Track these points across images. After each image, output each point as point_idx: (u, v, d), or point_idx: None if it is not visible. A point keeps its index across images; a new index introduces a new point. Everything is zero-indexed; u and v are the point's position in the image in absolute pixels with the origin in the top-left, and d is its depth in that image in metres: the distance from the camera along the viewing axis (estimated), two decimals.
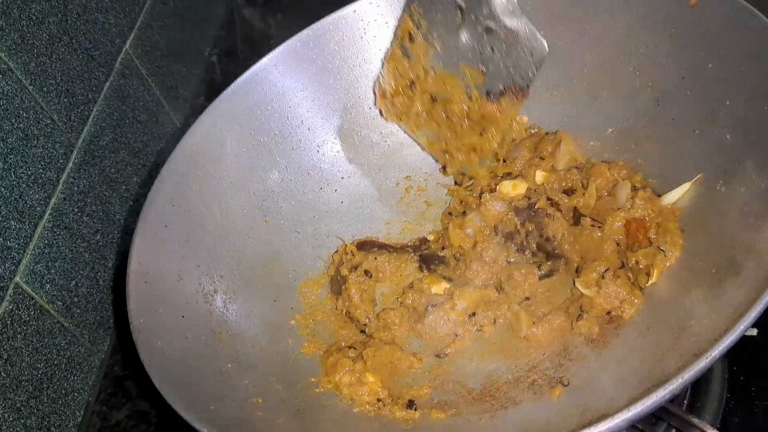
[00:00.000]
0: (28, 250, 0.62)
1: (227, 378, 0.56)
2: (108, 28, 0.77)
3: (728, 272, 0.49)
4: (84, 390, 0.69)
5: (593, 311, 0.56)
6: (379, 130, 0.76)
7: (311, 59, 0.73)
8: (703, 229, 0.54)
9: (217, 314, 0.62)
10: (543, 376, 0.55)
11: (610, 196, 0.62)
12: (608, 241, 0.60)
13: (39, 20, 0.66)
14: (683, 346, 0.46)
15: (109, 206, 0.75)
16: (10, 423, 0.58)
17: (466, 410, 0.54)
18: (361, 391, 0.57)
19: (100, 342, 0.72)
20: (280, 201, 0.72)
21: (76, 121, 0.70)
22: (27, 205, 0.62)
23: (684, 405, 0.57)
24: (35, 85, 0.64)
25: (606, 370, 0.52)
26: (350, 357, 0.59)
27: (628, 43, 0.63)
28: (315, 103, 0.74)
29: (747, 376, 0.59)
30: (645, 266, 0.56)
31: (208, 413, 0.50)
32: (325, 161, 0.75)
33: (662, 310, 0.53)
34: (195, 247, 0.64)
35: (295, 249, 0.72)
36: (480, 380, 0.58)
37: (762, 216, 0.48)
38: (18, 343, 0.60)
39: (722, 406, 0.58)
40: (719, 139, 0.55)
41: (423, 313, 0.62)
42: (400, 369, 0.60)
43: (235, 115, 0.70)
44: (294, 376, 0.60)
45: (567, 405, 0.50)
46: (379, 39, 0.73)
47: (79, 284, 0.69)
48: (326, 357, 0.61)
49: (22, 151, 0.62)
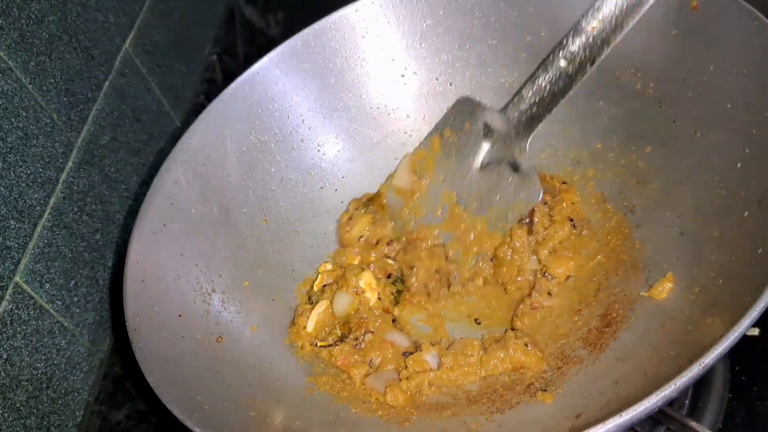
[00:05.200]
0: (27, 249, 0.62)
1: (223, 378, 0.56)
2: (108, 27, 0.77)
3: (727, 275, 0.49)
4: (83, 390, 0.69)
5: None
6: (380, 130, 0.76)
7: (312, 58, 0.73)
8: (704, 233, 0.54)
9: (215, 313, 0.62)
10: (540, 379, 0.55)
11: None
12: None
13: (38, 19, 0.66)
14: (680, 349, 0.46)
15: (109, 205, 0.75)
16: (9, 423, 0.58)
17: (462, 412, 0.54)
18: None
19: (99, 342, 0.72)
20: (280, 200, 0.72)
21: (75, 120, 0.70)
22: (26, 205, 0.62)
23: (685, 406, 0.57)
24: (35, 84, 0.64)
25: (603, 374, 0.52)
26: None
27: (628, 45, 0.63)
28: (316, 103, 0.74)
29: (749, 376, 0.58)
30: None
31: (204, 413, 0.50)
32: (326, 161, 0.75)
33: (660, 315, 0.53)
34: (194, 246, 0.64)
35: (295, 248, 0.72)
36: (477, 382, 0.57)
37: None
38: (17, 342, 0.60)
39: (724, 407, 0.57)
40: (720, 142, 0.55)
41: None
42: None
43: (235, 114, 0.70)
44: (291, 376, 0.60)
45: (563, 408, 0.50)
46: (380, 38, 0.73)
47: (78, 284, 0.69)
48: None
49: (22, 150, 0.62)
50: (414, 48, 0.73)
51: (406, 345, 0.61)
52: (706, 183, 0.55)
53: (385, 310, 0.65)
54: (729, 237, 0.51)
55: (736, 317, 0.41)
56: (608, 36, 0.59)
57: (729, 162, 0.53)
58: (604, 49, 0.59)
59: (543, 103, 0.62)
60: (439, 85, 0.74)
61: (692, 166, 0.57)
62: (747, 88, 0.53)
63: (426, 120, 0.75)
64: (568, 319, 0.59)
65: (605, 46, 0.59)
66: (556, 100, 0.61)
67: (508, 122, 0.64)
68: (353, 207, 0.72)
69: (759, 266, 0.46)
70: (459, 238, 0.66)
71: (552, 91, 0.61)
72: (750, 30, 0.53)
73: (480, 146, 0.66)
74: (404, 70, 0.74)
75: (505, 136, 0.64)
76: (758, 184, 0.50)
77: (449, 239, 0.67)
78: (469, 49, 0.72)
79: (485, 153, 0.66)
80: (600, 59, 0.59)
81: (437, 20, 0.72)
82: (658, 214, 0.59)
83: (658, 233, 0.58)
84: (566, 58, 0.60)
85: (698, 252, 0.53)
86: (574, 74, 0.60)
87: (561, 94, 0.61)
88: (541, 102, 0.62)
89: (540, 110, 0.62)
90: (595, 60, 0.59)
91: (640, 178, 0.62)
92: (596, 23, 0.59)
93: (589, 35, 0.59)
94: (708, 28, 0.57)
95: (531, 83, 0.62)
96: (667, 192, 0.59)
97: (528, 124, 0.63)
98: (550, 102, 0.62)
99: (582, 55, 0.60)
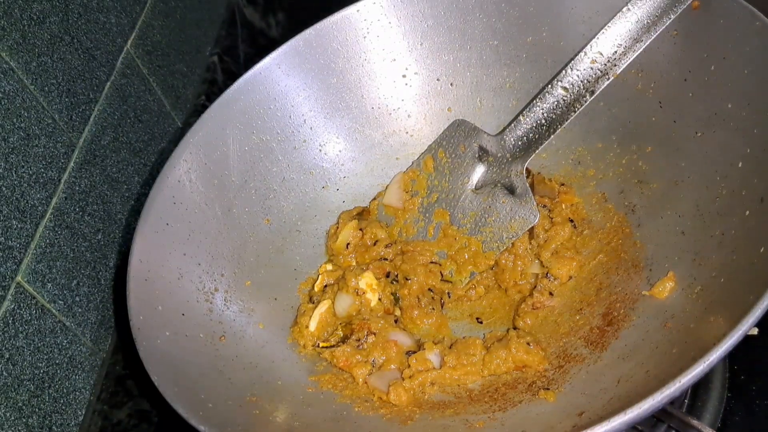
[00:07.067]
0: (29, 249, 0.62)
1: (226, 376, 0.56)
2: (109, 28, 0.78)
3: (729, 274, 0.49)
4: (85, 389, 0.69)
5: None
6: (382, 130, 0.76)
7: (314, 59, 0.73)
8: (705, 232, 0.54)
9: (218, 312, 0.62)
10: (542, 378, 0.55)
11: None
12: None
13: (40, 20, 0.66)
14: (682, 348, 0.46)
15: (111, 206, 0.75)
16: (11, 422, 0.58)
17: (464, 410, 0.54)
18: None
19: (101, 341, 0.72)
20: (282, 200, 0.72)
21: (77, 120, 0.70)
22: (28, 205, 0.62)
23: (685, 405, 0.57)
24: (36, 85, 0.64)
25: (605, 372, 0.52)
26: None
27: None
28: (317, 103, 0.74)
29: (748, 375, 0.58)
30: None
31: (207, 411, 0.50)
32: (327, 161, 0.75)
33: (662, 313, 0.53)
34: (196, 245, 0.64)
35: (297, 248, 0.72)
36: (479, 381, 0.58)
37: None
38: (19, 342, 0.60)
39: (723, 406, 0.58)
40: (721, 141, 0.55)
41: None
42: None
43: (237, 114, 0.70)
44: (293, 374, 0.60)
45: (566, 406, 0.50)
46: (382, 39, 0.73)
47: (80, 283, 0.69)
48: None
49: (24, 150, 0.62)
50: (415, 48, 0.74)
51: (409, 344, 0.61)
52: (707, 182, 0.55)
53: (386, 311, 0.65)
54: (730, 236, 0.51)
55: (739, 316, 0.41)
56: (608, 69, 0.59)
57: (730, 161, 0.53)
58: (603, 81, 0.60)
59: (540, 130, 0.63)
60: (441, 86, 0.74)
61: (693, 166, 0.57)
62: (748, 88, 0.53)
63: (427, 120, 0.75)
64: (569, 318, 0.59)
65: (605, 77, 0.60)
66: (554, 128, 0.62)
67: (504, 146, 0.65)
68: (343, 220, 0.72)
69: (761, 265, 0.46)
70: (453, 257, 0.67)
71: (550, 119, 0.62)
72: (750, 30, 0.53)
73: (475, 168, 0.67)
74: (405, 70, 0.75)
75: (501, 159, 0.65)
76: (759, 183, 0.50)
77: (444, 256, 0.67)
78: (470, 50, 0.72)
79: (480, 175, 0.67)
80: (599, 90, 0.60)
81: (438, 20, 0.72)
82: (659, 213, 0.59)
83: (659, 232, 0.59)
84: (565, 88, 0.61)
85: (700, 251, 0.53)
86: (573, 103, 0.61)
87: (559, 122, 0.62)
88: (539, 128, 0.63)
89: (537, 136, 0.63)
90: (594, 91, 0.60)
91: (641, 178, 0.63)
92: (597, 56, 0.59)
93: (589, 66, 0.60)
94: (708, 28, 0.57)
95: (529, 109, 0.63)
96: (668, 191, 0.60)
97: (524, 149, 0.64)
98: (548, 129, 0.62)
99: (581, 86, 0.61)
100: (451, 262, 0.67)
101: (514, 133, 0.65)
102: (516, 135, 0.64)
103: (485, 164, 0.66)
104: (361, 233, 0.70)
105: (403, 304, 0.65)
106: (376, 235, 0.69)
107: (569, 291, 0.62)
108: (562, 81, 0.62)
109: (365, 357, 0.60)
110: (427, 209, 0.70)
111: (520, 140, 0.64)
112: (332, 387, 0.59)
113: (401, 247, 0.69)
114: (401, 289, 0.66)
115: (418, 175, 0.71)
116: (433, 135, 0.73)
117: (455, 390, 0.57)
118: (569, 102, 0.61)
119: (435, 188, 0.70)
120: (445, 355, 0.58)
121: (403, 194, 0.72)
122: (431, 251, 0.68)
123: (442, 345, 0.60)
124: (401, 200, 0.71)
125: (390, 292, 0.66)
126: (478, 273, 0.66)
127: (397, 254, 0.68)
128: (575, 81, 0.61)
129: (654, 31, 0.58)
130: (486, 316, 0.65)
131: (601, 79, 0.60)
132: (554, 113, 0.62)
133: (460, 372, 0.58)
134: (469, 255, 0.66)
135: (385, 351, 0.60)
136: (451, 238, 0.67)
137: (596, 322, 0.57)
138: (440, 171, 0.70)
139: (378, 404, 0.57)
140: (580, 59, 0.61)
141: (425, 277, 0.65)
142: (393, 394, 0.57)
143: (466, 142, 0.68)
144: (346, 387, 0.59)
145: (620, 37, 0.60)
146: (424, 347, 0.60)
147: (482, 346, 0.59)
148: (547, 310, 0.61)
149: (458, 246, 0.67)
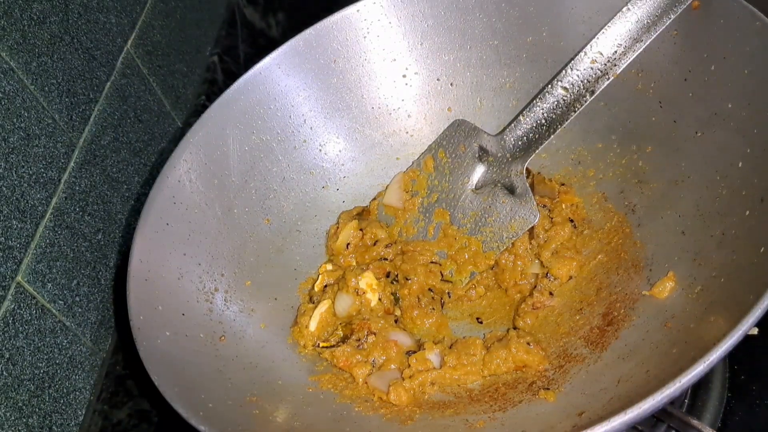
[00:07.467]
0: (29, 249, 0.62)
1: (226, 376, 0.56)
2: (109, 28, 0.78)
3: (729, 274, 0.49)
4: (85, 389, 0.69)
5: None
6: (382, 130, 0.76)
7: (314, 59, 0.73)
8: (705, 232, 0.54)
9: (218, 312, 0.62)
10: (542, 378, 0.55)
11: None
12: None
13: (40, 20, 0.66)
14: (683, 348, 0.46)
15: (111, 206, 0.75)
16: (12, 422, 0.58)
17: (465, 410, 0.54)
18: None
19: (101, 341, 0.72)
20: (282, 200, 0.72)
21: (77, 120, 0.70)
22: (28, 205, 0.62)
23: (685, 405, 0.57)
24: (36, 85, 0.64)
25: (605, 372, 0.52)
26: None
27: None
28: (317, 103, 0.74)
29: (748, 375, 0.58)
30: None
31: (207, 411, 0.50)
32: (327, 161, 0.75)
33: (662, 313, 0.53)
34: (196, 245, 0.64)
35: (297, 248, 0.72)
36: (479, 381, 0.58)
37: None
38: (20, 342, 0.60)
39: (723, 406, 0.58)
40: (721, 141, 0.55)
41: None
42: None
43: (237, 114, 0.70)
44: (294, 374, 0.60)
45: (566, 406, 0.50)
46: (382, 39, 0.73)
47: (80, 283, 0.69)
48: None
49: (24, 150, 0.62)
50: (415, 48, 0.74)
51: (409, 344, 0.61)
52: (708, 182, 0.55)
53: (386, 311, 0.65)
54: (730, 236, 0.51)
55: (739, 316, 0.41)
56: (608, 69, 0.59)
57: (730, 161, 0.53)
58: (603, 81, 0.60)
59: (540, 130, 0.63)
60: (441, 86, 0.75)
61: (693, 166, 0.57)
62: (748, 88, 0.53)
63: (427, 120, 0.75)
64: (569, 318, 0.59)
65: (605, 77, 0.60)
66: (554, 128, 0.62)
67: (504, 146, 0.65)
68: (343, 220, 0.72)
69: (761, 265, 0.46)
70: (453, 257, 0.67)
71: (550, 119, 0.62)
72: (750, 30, 0.53)
73: (475, 168, 0.67)
74: (406, 70, 0.75)
75: (501, 159, 0.65)
76: (759, 183, 0.50)
77: (444, 256, 0.67)
78: (470, 50, 0.72)
79: (480, 175, 0.67)
80: (599, 90, 0.60)
81: (438, 20, 0.72)
82: (659, 213, 0.59)
83: (660, 232, 0.59)
84: (565, 88, 0.61)
85: (700, 251, 0.53)
86: (573, 103, 0.61)
87: (559, 122, 0.62)
88: (539, 128, 0.63)
89: (537, 136, 0.63)
90: (594, 91, 0.60)
91: (641, 178, 0.63)
92: (597, 56, 0.59)
93: (589, 66, 0.60)
94: (708, 28, 0.57)
95: (529, 109, 0.63)
96: (668, 191, 0.60)
97: (524, 149, 0.64)
98: (548, 129, 0.62)
99: (581, 86, 0.61)
100: (451, 262, 0.67)
101: (514, 133, 0.65)
102: (516, 135, 0.65)
103: (485, 164, 0.66)
104: (361, 233, 0.70)
105: (403, 304, 0.65)
106: (376, 235, 0.69)
107: (569, 291, 0.62)
108: (562, 81, 0.62)
109: (365, 357, 0.60)
110: (427, 209, 0.70)
111: (520, 140, 0.64)
112: (332, 387, 0.59)
113: (401, 247, 0.69)
114: (401, 289, 0.65)
115: (418, 175, 0.71)
116: (433, 135, 0.73)
117: (455, 390, 0.57)
118: (569, 102, 0.61)
119: (435, 188, 0.70)
120: (445, 355, 0.58)
121: (403, 194, 0.72)
122: (431, 251, 0.68)
123: (442, 345, 0.60)
124: (401, 200, 0.71)
125: (390, 292, 0.66)
126: (478, 273, 0.66)
127: (397, 254, 0.68)
128: (575, 81, 0.61)
129: (654, 31, 0.58)
130: (486, 316, 0.65)
131: (601, 79, 0.60)
132: (554, 113, 0.62)
133: (460, 372, 0.58)
134: (469, 255, 0.66)
135: (385, 351, 0.60)
136: (451, 238, 0.67)
137: (596, 322, 0.57)
138: (440, 171, 0.70)
139: (378, 404, 0.57)
140: (580, 59, 0.61)
141: (425, 277, 0.65)
142: (393, 394, 0.57)
143: (466, 142, 0.68)
144: (346, 387, 0.59)
145: (620, 37, 0.60)
146: (424, 347, 0.60)
147: (482, 346, 0.59)
148: (547, 310, 0.61)
149: (458, 246, 0.67)
